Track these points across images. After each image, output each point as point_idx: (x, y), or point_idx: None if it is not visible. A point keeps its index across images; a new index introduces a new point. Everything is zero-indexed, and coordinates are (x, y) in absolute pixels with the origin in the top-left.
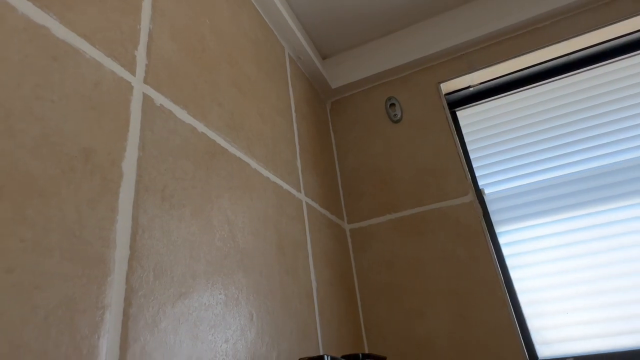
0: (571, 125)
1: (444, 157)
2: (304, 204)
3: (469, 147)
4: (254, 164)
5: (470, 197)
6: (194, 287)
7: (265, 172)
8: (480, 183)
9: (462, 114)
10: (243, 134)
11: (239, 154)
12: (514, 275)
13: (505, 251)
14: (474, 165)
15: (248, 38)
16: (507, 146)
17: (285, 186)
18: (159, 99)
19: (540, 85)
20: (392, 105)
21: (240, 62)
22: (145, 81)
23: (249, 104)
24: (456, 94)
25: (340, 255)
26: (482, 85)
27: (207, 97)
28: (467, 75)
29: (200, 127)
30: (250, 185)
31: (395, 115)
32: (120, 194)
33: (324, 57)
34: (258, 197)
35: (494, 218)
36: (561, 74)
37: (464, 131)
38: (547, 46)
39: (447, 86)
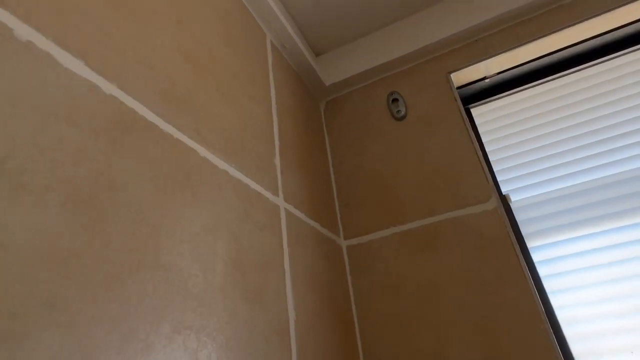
0: (609, 118)
1: (458, 157)
2: (281, 210)
3: (487, 149)
4: (203, 151)
5: (494, 202)
6: (78, 323)
7: (223, 164)
8: (503, 189)
9: (478, 112)
10: (189, 111)
11: (178, 134)
12: (554, 301)
13: (540, 271)
14: (495, 169)
15: (213, 8)
16: (532, 146)
17: (254, 185)
18: (23, 30)
19: (570, 73)
20: (395, 100)
21: (196, 30)
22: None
23: (202, 78)
24: (470, 87)
25: (333, 278)
26: (499, 76)
27: (128, 53)
28: (482, 64)
29: (108, 87)
30: (195, 178)
31: (398, 111)
32: None
33: (317, 53)
34: (206, 194)
35: (523, 230)
36: (595, 59)
37: (480, 130)
38: (577, 23)
39: (459, 78)
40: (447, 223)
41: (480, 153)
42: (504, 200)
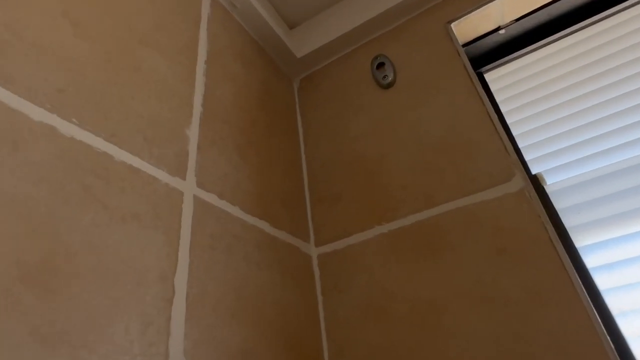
0: None
1: (464, 126)
2: (186, 198)
3: (508, 120)
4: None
5: (519, 182)
6: None
7: (52, 118)
8: (533, 170)
9: (493, 76)
10: None
11: None
12: (625, 328)
13: (598, 281)
14: (520, 145)
15: None
16: (568, 111)
17: (126, 157)
18: None
19: (617, 13)
20: (381, 65)
21: None
22: None
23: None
24: (480, 43)
25: (293, 301)
26: (518, 24)
27: None
28: (493, 6)
29: None
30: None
31: (384, 77)
32: None
33: (292, 26)
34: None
35: (566, 222)
36: None
37: (498, 99)
38: None
39: (465, 32)
40: (451, 216)
41: (495, 119)
42: (535, 181)
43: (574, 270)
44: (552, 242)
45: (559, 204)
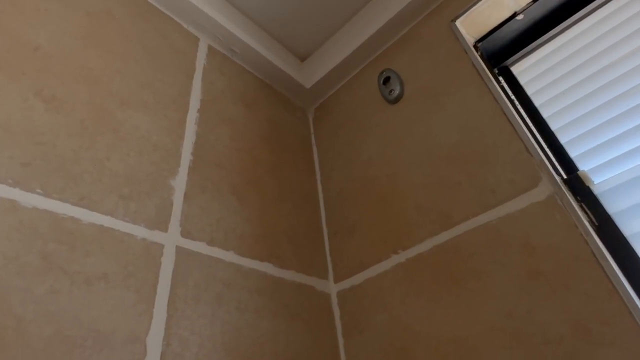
0: None
1: (478, 130)
2: (167, 250)
3: (544, 114)
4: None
5: (546, 188)
6: None
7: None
8: (583, 167)
9: (521, 68)
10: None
11: None
12: None
13: None
14: (561, 140)
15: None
16: (610, 95)
17: (95, 218)
18: None
19: None
20: (387, 80)
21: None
22: None
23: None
24: (497, 34)
25: (310, 349)
26: (536, 5)
27: None
28: None
29: None
30: None
31: (391, 92)
32: None
33: (304, 57)
34: None
35: (625, 229)
36: None
37: (529, 92)
38: None
39: (478, 25)
40: (472, 236)
41: (513, 116)
42: (577, 182)
43: (634, 295)
44: (596, 259)
45: (612, 207)
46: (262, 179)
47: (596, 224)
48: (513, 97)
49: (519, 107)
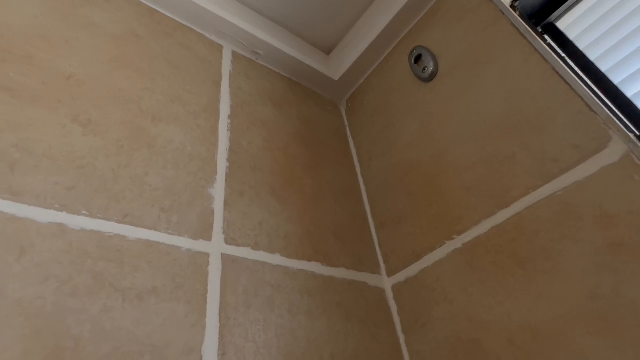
0: None
1: (528, 95)
2: (212, 258)
3: (602, 68)
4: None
5: (619, 147)
6: None
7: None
8: None
9: (566, 23)
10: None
11: None
12: None
13: None
14: (628, 94)
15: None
16: None
17: (141, 233)
18: None
19: None
20: (418, 58)
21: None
22: None
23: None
24: None
25: (363, 349)
26: None
27: None
28: None
29: None
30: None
31: (424, 69)
32: None
33: (329, 50)
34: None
35: None
36: None
37: (581, 46)
38: None
39: None
40: (535, 212)
41: (568, 74)
42: None
43: None
44: None
45: None
46: (300, 178)
47: None
48: (563, 54)
49: (572, 63)
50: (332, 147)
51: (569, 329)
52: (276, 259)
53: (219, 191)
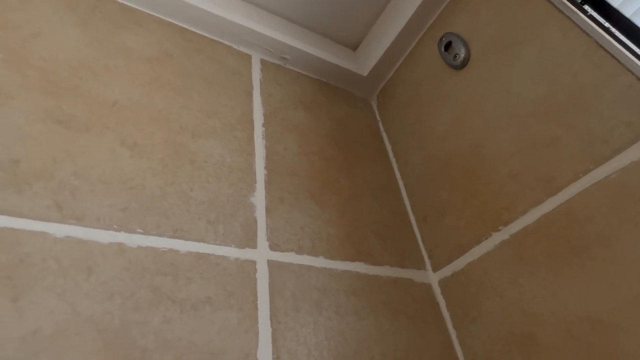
0: None
1: (570, 72)
2: (259, 265)
3: None
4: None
5: None
6: None
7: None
8: None
9: None
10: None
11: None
12: None
13: None
14: None
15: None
16: None
17: (191, 246)
18: None
19: None
20: (448, 45)
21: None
22: None
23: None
24: None
25: (415, 346)
26: None
27: None
28: None
29: None
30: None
31: (455, 57)
32: None
33: (355, 46)
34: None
35: None
36: None
37: (627, 13)
38: None
39: None
40: (587, 197)
41: (614, 46)
42: None
43: None
44: None
45: None
46: (336, 179)
47: None
48: (607, 24)
49: (617, 34)
50: (366, 144)
51: (632, 316)
52: (320, 262)
53: (259, 199)
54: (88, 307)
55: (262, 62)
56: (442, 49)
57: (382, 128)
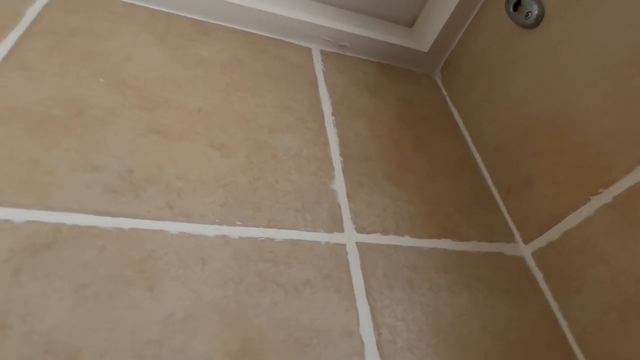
0: None
1: None
2: (349, 248)
3: None
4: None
5: None
6: None
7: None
8: None
9: None
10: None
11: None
12: None
13: None
14: None
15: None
16: None
17: (285, 234)
18: None
19: None
20: (517, 4)
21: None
22: None
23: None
24: None
25: (514, 320)
26: None
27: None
28: None
29: None
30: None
31: (527, 15)
32: None
33: (411, 23)
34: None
35: None
36: None
37: None
38: None
39: None
40: None
41: None
42: None
43: None
44: None
45: None
46: (410, 159)
47: None
48: None
49: None
50: (435, 121)
51: None
52: (406, 241)
53: (339, 186)
54: (208, 293)
55: (322, 52)
56: (511, 10)
57: (450, 103)
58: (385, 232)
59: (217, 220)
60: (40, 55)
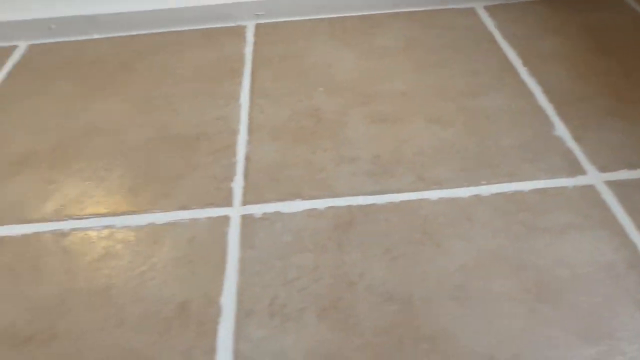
0: None
1: None
2: (602, 191)
3: None
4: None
5: None
6: None
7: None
8: None
9: None
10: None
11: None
12: None
13: None
14: None
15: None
16: None
17: (507, 187)
18: None
19: None
20: None
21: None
22: None
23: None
24: None
25: None
26: None
27: None
28: None
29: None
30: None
31: None
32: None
33: None
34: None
35: None
36: None
37: None
38: None
39: None
40: None
41: None
42: None
43: None
44: None
45: None
46: (626, 90)
47: None
48: None
49: None
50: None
51: None
52: None
53: (562, 132)
54: (485, 244)
55: (487, 8)
56: None
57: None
58: (631, 167)
59: (464, 183)
60: (271, 82)
